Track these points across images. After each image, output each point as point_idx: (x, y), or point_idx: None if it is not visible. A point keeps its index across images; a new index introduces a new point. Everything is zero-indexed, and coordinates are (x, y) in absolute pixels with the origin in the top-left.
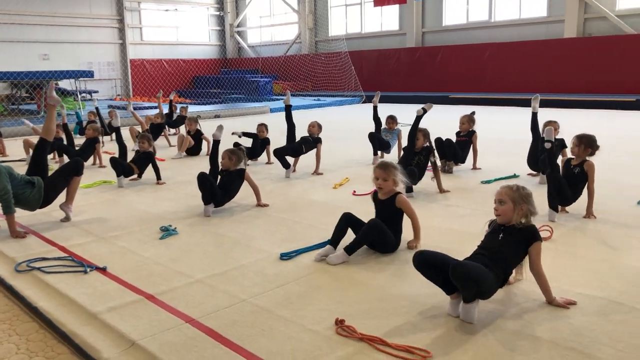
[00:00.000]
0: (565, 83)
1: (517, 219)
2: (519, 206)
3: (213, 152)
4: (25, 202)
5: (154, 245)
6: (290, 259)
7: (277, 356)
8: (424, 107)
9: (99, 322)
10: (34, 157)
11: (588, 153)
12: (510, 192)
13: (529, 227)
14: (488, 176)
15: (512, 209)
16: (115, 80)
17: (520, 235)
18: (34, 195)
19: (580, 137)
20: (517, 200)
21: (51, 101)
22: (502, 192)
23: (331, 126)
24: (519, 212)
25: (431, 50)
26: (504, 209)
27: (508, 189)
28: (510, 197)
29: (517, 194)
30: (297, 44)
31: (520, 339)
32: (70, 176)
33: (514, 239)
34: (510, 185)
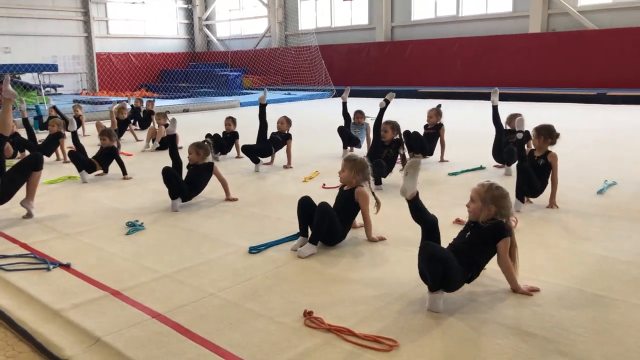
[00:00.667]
0: (530, 77)
1: (483, 219)
2: (487, 207)
3: (171, 147)
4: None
5: (120, 240)
6: (259, 253)
7: (244, 349)
8: (386, 98)
9: (62, 319)
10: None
11: (549, 143)
12: (481, 191)
13: (497, 224)
14: (455, 168)
15: (480, 208)
16: (81, 74)
17: (487, 232)
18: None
19: (539, 128)
20: (486, 200)
21: (7, 95)
22: (474, 190)
23: (301, 120)
24: (486, 212)
25: (400, 44)
26: (473, 207)
27: (480, 187)
28: (481, 196)
29: (489, 194)
30: (267, 38)
31: (486, 326)
32: (29, 171)
33: (480, 237)
34: (484, 184)
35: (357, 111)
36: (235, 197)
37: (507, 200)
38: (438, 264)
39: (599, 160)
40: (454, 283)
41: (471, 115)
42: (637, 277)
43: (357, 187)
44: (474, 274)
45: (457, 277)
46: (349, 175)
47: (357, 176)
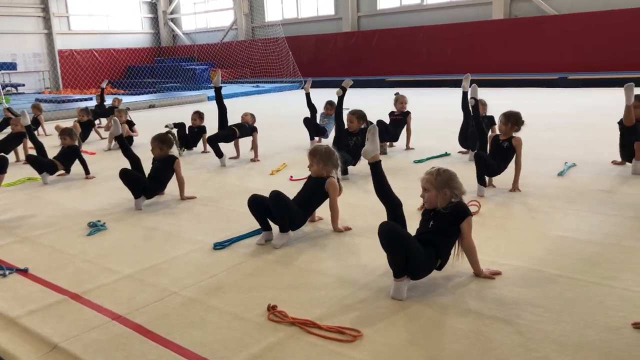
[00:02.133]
0: (493, 63)
1: (442, 204)
2: (442, 191)
3: (122, 147)
4: None
5: (81, 242)
6: (224, 248)
7: (206, 347)
8: (342, 86)
9: (17, 327)
10: None
11: (515, 130)
12: (431, 179)
13: (457, 206)
14: (420, 155)
15: (435, 195)
16: (43, 72)
17: (450, 216)
18: None
19: (508, 115)
20: (438, 186)
21: None
22: (425, 180)
23: (270, 112)
24: (442, 197)
25: (367, 34)
26: (429, 196)
27: (429, 175)
28: (432, 183)
29: (439, 180)
30: (233, 31)
31: (448, 311)
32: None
33: (444, 223)
34: (432, 171)
35: (328, 102)
36: (192, 195)
37: (457, 179)
38: (396, 242)
39: (560, 142)
40: (420, 269)
41: (435, 104)
42: (593, 255)
43: (329, 178)
44: (444, 261)
45: (424, 264)
46: (318, 168)
47: (326, 166)
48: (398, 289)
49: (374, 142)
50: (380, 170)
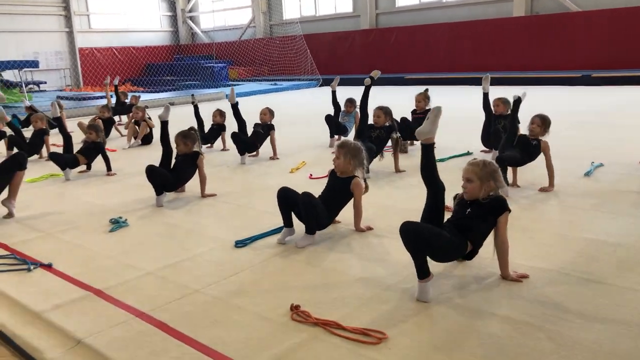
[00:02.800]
0: (515, 61)
1: (484, 195)
2: (486, 183)
3: (162, 133)
4: None
5: (103, 238)
6: (245, 246)
7: (229, 346)
8: (370, 75)
9: (42, 321)
10: None
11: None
12: (477, 170)
13: (497, 198)
14: (442, 154)
15: (479, 187)
16: (64, 70)
17: (488, 207)
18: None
19: (544, 117)
20: (483, 177)
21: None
22: (469, 170)
23: (288, 110)
24: (485, 189)
25: (385, 31)
26: (472, 187)
27: (475, 166)
28: (477, 175)
29: (485, 171)
30: (251, 28)
31: (475, 315)
32: (13, 171)
33: (482, 212)
34: (477, 162)
35: (348, 99)
36: (212, 193)
37: (500, 173)
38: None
39: (586, 142)
40: (445, 254)
41: (457, 101)
42: (623, 259)
43: (355, 178)
44: (475, 250)
45: (449, 250)
46: (344, 162)
47: (353, 161)
48: (423, 290)
49: (434, 123)
50: (431, 153)
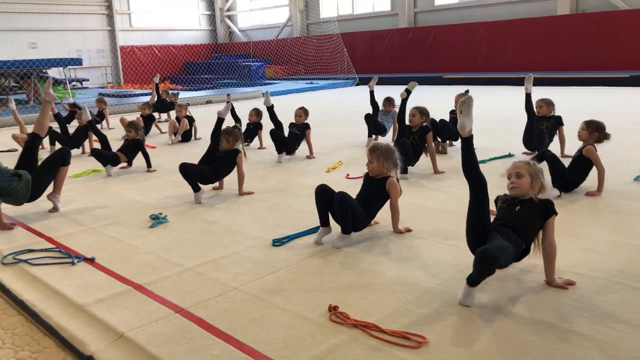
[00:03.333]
0: (559, 60)
1: (533, 193)
2: (536, 180)
3: (215, 129)
4: (12, 195)
5: (143, 234)
6: (282, 245)
7: (268, 345)
8: (407, 88)
9: (86, 314)
10: (25, 152)
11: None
12: (528, 167)
13: (547, 200)
14: (482, 156)
15: (529, 183)
16: (106, 67)
17: (539, 207)
18: (21, 188)
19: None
20: (533, 174)
21: (48, 97)
22: (520, 166)
23: (324, 109)
24: (535, 186)
25: (424, 30)
26: (522, 182)
27: (525, 163)
28: (528, 171)
29: (534, 168)
30: (288, 27)
31: (519, 322)
32: (57, 167)
33: (532, 211)
34: (527, 160)
35: (386, 99)
36: (250, 191)
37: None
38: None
39: (633, 145)
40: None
41: (497, 102)
42: None
43: (389, 178)
44: (527, 250)
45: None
46: (377, 165)
47: (386, 163)
48: (469, 294)
49: (469, 114)
50: (472, 146)
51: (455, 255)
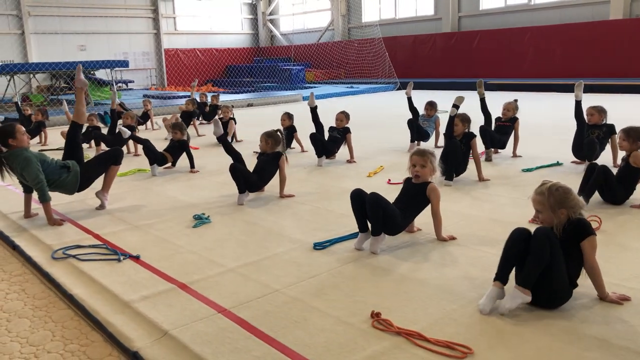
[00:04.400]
0: (611, 67)
1: (559, 223)
2: (558, 212)
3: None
4: (62, 186)
5: (187, 233)
6: (323, 249)
7: (310, 349)
8: (454, 103)
9: (131, 310)
10: (68, 141)
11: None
12: (543, 200)
13: (578, 223)
14: (529, 164)
15: (551, 217)
16: (150, 70)
17: (570, 234)
18: (70, 180)
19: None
20: (553, 206)
21: (79, 84)
22: (535, 201)
23: (365, 114)
24: (559, 217)
25: (468, 35)
26: (543, 218)
27: (540, 196)
28: (545, 205)
29: (552, 200)
30: (329, 31)
31: (570, 336)
32: (109, 164)
33: (563, 242)
34: (542, 190)
35: (429, 102)
36: (291, 194)
37: (573, 195)
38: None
39: None
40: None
41: (544, 109)
42: None
43: (430, 184)
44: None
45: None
46: (430, 170)
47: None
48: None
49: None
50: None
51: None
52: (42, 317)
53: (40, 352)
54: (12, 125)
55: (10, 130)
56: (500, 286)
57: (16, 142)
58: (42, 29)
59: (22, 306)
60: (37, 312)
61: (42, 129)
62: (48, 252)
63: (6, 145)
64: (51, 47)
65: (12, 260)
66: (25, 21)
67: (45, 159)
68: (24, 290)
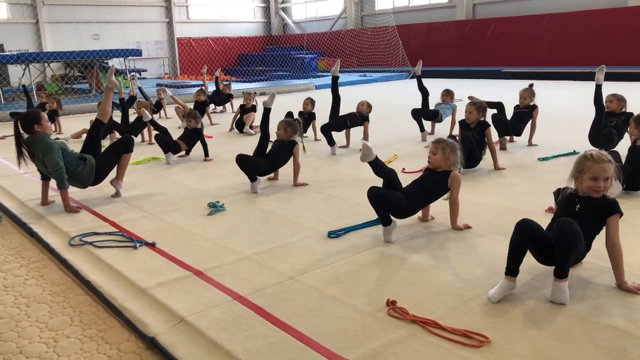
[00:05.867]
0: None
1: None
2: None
3: (263, 119)
4: (77, 179)
5: (202, 221)
6: (338, 237)
7: (327, 336)
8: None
9: (148, 297)
10: (89, 137)
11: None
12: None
13: (609, 199)
14: (545, 153)
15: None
16: (163, 58)
17: (599, 206)
18: (86, 172)
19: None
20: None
21: (110, 84)
22: (608, 169)
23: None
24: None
25: (482, 22)
26: (607, 185)
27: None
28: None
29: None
30: (342, 19)
31: (588, 325)
32: (120, 153)
33: (592, 210)
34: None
35: (446, 90)
36: (305, 182)
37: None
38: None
39: None
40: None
41: (559, 97)
42: None
43: (453, 172)
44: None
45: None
46: (441, 157)
47: (451, 156)
48: (561, 290)
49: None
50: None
51: None
52: (61, 302)
53: (59, 336)
54: (37, 112)
55: (35, 116)
56: (512, 280)
57: (41, 128)
58: (56, 18)
59: (40, 292)
60: (55, 298)
61: (56, 117)
62: (65, 239)
63: (31, 131)
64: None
65: (30, 247)
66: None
67: (65, 148)
68: (42, 276)
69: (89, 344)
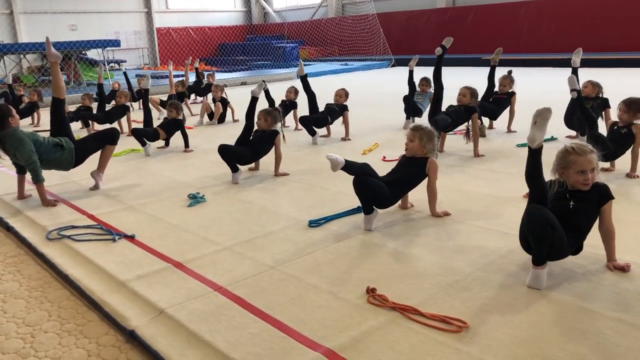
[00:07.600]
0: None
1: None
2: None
3: (250, 108)
4: (58, 164)
5: (182, 212)
6: (319, 226)
7: (306, 325)
8: (442, 44)
9: (127, 290)
10: (52, 117)
11: (637, 118)
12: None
13: (600, 186)
14: (523, 139)
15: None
16: (142, 49)
17: (593, 196)
18: (65, 157)
19: (629, 103)
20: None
21: (51, 58)
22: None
23: (359, 91)
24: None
25: (462, 10)
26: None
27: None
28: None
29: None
30: (323, 8)
31: (564, 308)
32: (104, 143)
33: (586, 204)
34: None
35: (423, 78)
36: (285, 172)
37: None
38: (549, 228)
39: None
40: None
41: (538, 84)
42: None
43: (430, 158)
44: (581, 247)
45: (563, 243)
46: (418, 145)
47: (428, 145)
48: (538, 277)
49: (543, 128)
50: (540, 158)
51: (495, 240)
52: (38, 297)
53: (37, 332)
54: (6, 105)
55: (6, 110)
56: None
57: (13, 120)
58: (31, 8)
59: (17, 287)
60: (32, 293)
61: (36, 109)
62: (42, 233)
63: (5, 126)
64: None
65: (7, 242)
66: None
67: (37, 139)
68: (19, 271)
69: (67, 339)
